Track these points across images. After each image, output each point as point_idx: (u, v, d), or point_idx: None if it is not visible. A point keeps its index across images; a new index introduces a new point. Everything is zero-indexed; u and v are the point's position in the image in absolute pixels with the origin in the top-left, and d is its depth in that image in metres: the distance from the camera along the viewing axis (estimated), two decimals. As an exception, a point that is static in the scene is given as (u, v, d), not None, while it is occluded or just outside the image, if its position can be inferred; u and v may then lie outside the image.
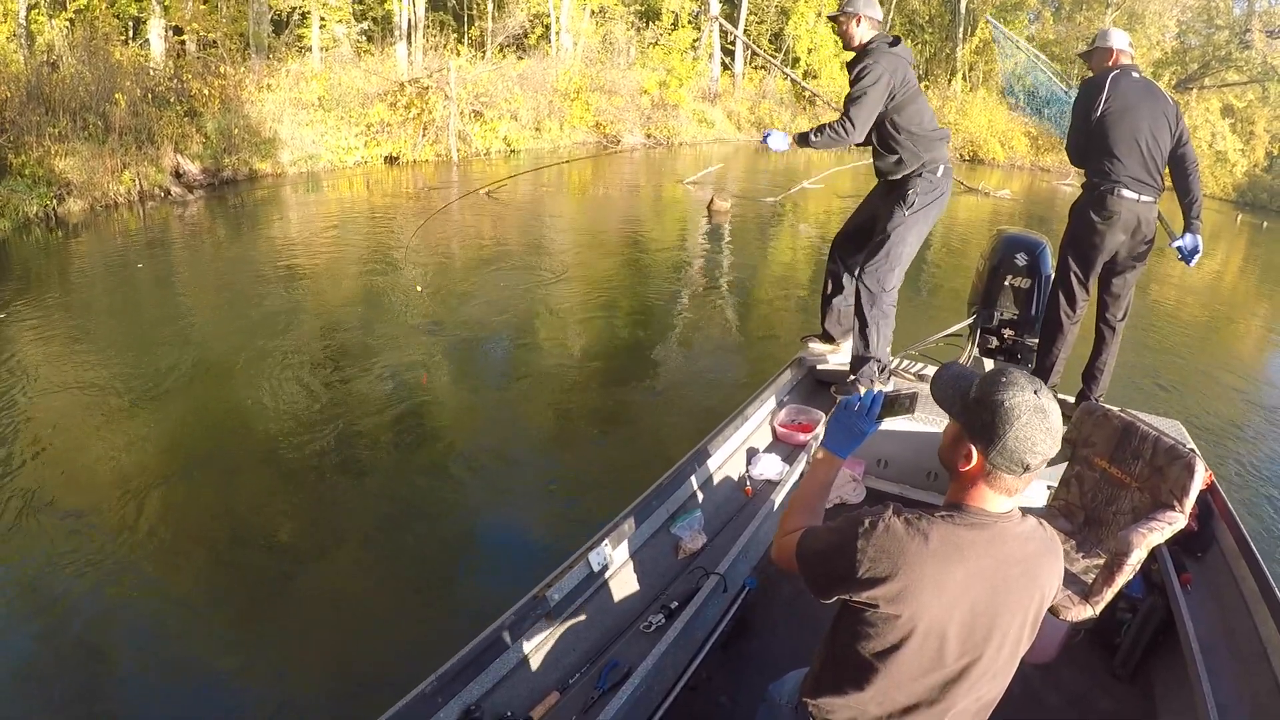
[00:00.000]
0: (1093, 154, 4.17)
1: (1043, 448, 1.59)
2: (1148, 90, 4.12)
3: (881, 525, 1.61)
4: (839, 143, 4.09)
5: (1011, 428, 1.57)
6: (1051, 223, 18.12)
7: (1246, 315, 12.85)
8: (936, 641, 1.61)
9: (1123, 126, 4.05)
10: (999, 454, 1.59)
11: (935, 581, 1.57)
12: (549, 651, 2.67)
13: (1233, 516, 3.42)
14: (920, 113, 4.17)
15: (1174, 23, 34.14)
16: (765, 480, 3.82)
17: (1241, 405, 8.01)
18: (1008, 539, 1.64)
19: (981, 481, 1.64)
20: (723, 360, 8.03)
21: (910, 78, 4.14)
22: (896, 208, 4.21)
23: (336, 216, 13.70)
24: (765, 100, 33.13)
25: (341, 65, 19.77)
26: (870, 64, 4.02)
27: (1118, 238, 4.12)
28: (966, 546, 1.59)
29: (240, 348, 7.17)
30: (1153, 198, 4.08)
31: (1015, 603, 1.64)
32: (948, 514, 1.64)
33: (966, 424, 1.66)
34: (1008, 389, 1.60)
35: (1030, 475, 1.62)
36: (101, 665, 3.67)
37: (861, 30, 4.17)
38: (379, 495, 5.12)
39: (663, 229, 15.11)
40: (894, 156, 4.21)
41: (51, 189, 11.69)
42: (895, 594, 1.58)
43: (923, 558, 1.57)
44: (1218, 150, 32.33)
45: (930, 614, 1.58)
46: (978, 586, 1.60)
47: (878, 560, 1.59)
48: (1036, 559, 1.67)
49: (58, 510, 4.70)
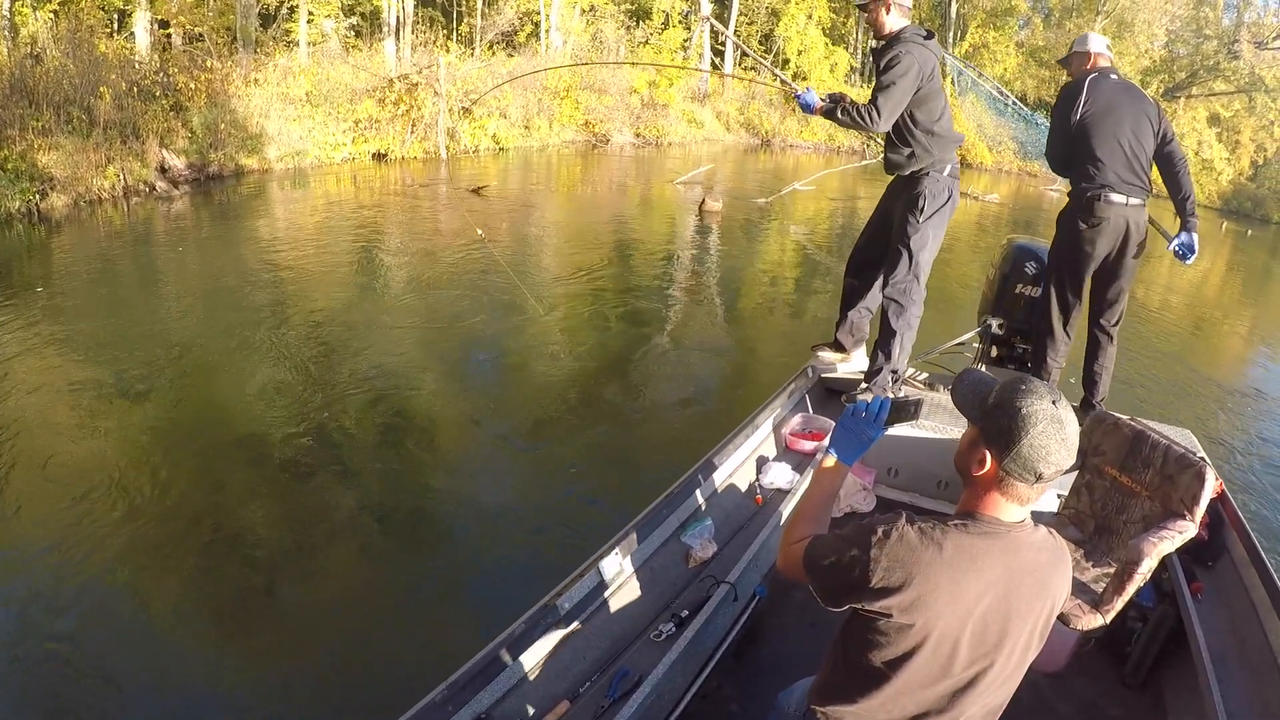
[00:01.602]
0: (1075, 159, 4.13)
1: (1056, 457, 1.58)
2: (1127, 91, 4.09)
3: (895, 534, 1.61)
4: (861, 127, 4.00)
5: (1027, 434, 1.56)
6: (1038, 226, 18.28)
7: (1244, 323, 12.95)
8: (948, 650, 1.60)
9: (1104, 128, 4.01)
10: (1013, 460, 1.58)
11: (949, 591, 1.57)
12: (559, 660, 2.65)
13: (1243, 525, 3.43)
14: (940, 111, 4.11)
15: (1163, 32, 34.49)
16: (775, 489, 3.81)
17: (1250, 414, 8.08)
18: (1021, 548, 1.63)
19: (995, 489, 1.63)
20: (728, 364, 8.05)
21: (936, 74, 4.08)
22: (910, 216, 4.17)
23: (324, 213, 13.64)
24: (755, 101, 33.15)
25: (329, 60, 19.66)
26: (901, 53, 3.92)
27: (1108, 244, 4.08)
28: (980, 556, 1.59)
29: (227, 346, 7.11)
30: (1141, 199, 4.05)
31: (1026, 611, 1.64)
32: (961, 523, 1.64)
33: (983, 429, 1.66)
34: (1026, 396, 1.59)
35: (1043, 486, 1.62)
36: (92, 674, 3.60)
37: (891, 18, 4.07)
38: (383, 502, 5.07)
39: (656, 230, 15.11)
40: (907, 150, 4.15)
41: (34, 184, 11.52)
42: (909, 603, 1.57)
43: (937, 567, 1.57)
44: (1204, 159, 32.72)
45: (943, 623, 1.58)
46: (990, 596, 1.59)
47: (891, 570, 1.58)
48: (1049, 569, 1.67)
49: (38, 510, 4.64)
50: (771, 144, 32.59)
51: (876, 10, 4.08)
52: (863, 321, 4.77)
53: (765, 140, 32.81)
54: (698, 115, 31.19)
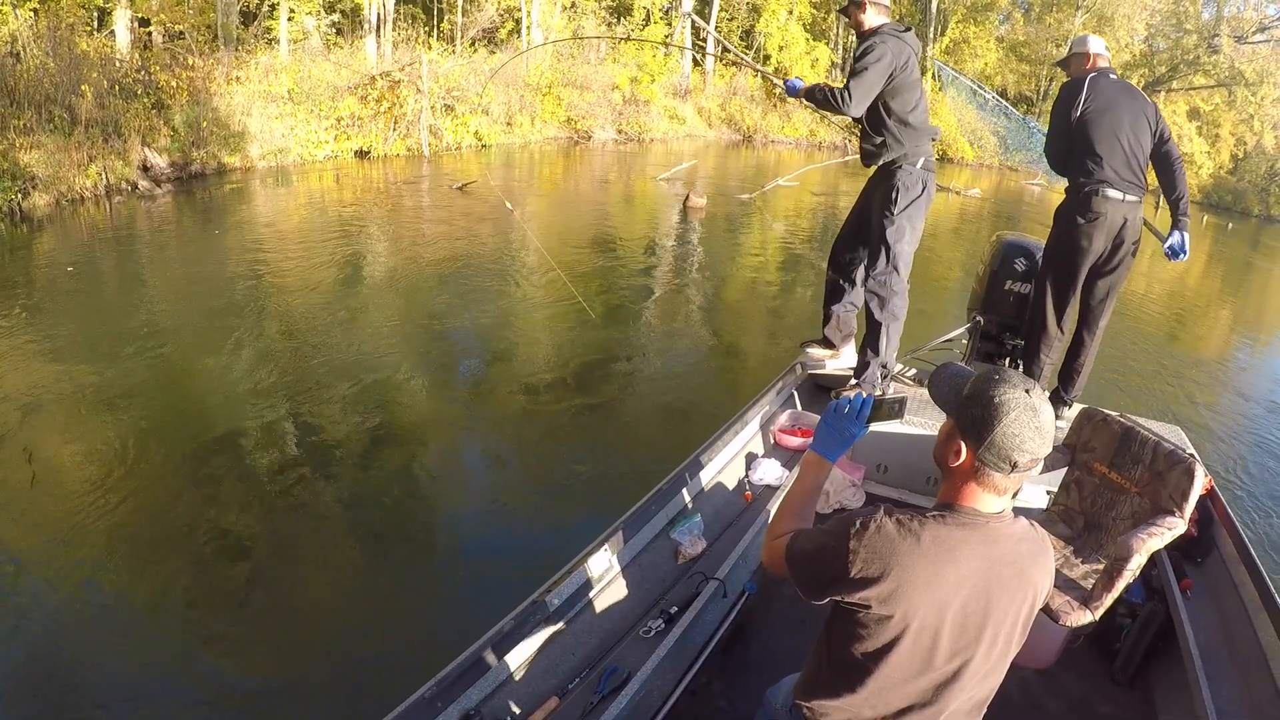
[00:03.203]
0: (1075, 156, 4.16)
1: (1030, 446, 1.58)
2: (1126, 90, 4.14)
3: (873, 525, 1.62)
4: (833, 108, 4.06)
5: (1000, 423, 1.58)
6: (1019, 220, 18.38)
7: (1228, 317, 13.04)
8: (929, 641, 1.61)
9: (1103, 125, 4.05)
10: (987, 450, 1.60)
11: (927, 581, 1.58)
12: (548, 656, 2.64)
13: (1232, 522, 3.44)
14: (914, 103, 4.16)
15: (1143, 26, 34.67)
16: (765, 485, 3.80)
17: (1239, 410, 8.13)
18: (1000, 539, 1.64)
19: (972, 480, 1.65)
20: (716, 360, 8.06)
21: (913, 65, 4.14)
22: (885, 209, 4.22)
23: (306, 211, 13.59)
24: (736, 97, 33.19)
25: (311, 58, 19.54)
26: (875, 43, 4.03)
27: (1103, 240, 4.11)
28: (958, 546, 1.60)
29: (211, 344, 7.06)
30: (1138, 197, 4.07)
31: (1007, 603, 1.65)
32: (939, 514, 1.65)
33: (959, 420, 1.67)
34: (999, 386, 1.61)
35: (1019, 476, 1.63)
36: (71, 669, 3.58)
37: (869, 16, 4.17)
38: (369, 499, 5.05)
39: (640, 226, 15.11)
40: (879, 139, 4.21)
41: (16, 183, 11.41)
42: (887, 594, 1.58)
43: (914, 558, 1.58)
44: (1184, 153, 32.78)
45: (922, 614, 1.59)
46: (969, 586, 1.60)
47: (870, 561, 1.59)
48: (1029, 560, 1.67)
49: (20, 508, 4.61)
50: (753, 140, 32.68)
51: (855, 13, 4.22)
52: (849, 317, 4.80)
53: (747, 136, 32.88)
54: (679, 111, 31.23)
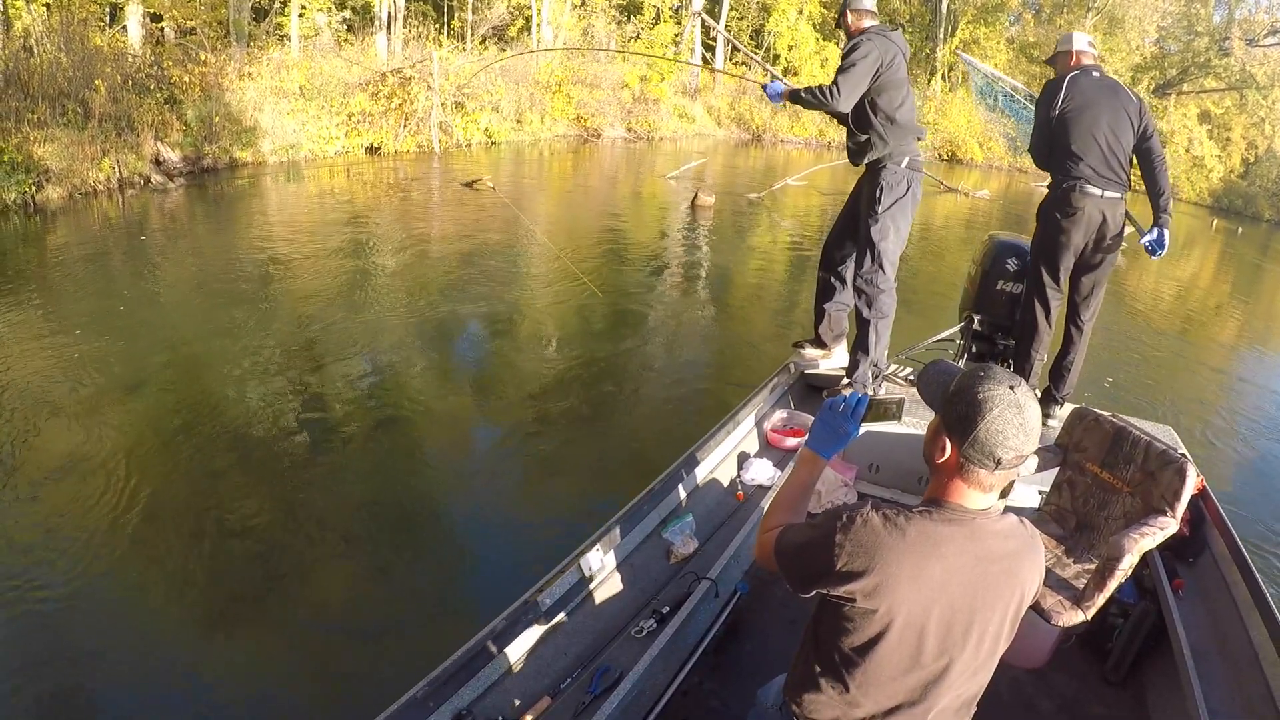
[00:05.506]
0: (1054, 154, 4.26)
1: (1014, 442, 1.59)
2: (1107, 88, 4.20)
3: (859, 520, 1.63)
4: (822, 105, 4.12)
5: (984, 419, 1.58)
6: (1028, 222, 18.23)
7: (1231, 320, 12.97)
8: (915, 637, 1.62)
9: (1080, 124, 4.14)
10: (971, 446, 1.60)
11: (912, 576, 1.58)
12: (540, 656, 2.65)
13: (1224, 522, 3.44)
14: (900, 101, 4.23)
15: (1154, 28, 34.47)
16: (757, 485, 3.82)
17: (1233, 411, 8.09)
18: (986, 535, 1.64)
19: (957, 476, 1.65)
20: (713, 359, 8.06)
21: (899, 64, 4.20)
22: (870, 208, 4.28)
23: (317, 205, 13.62)
24: (745, 96, 33.13)
25: (322, 54, 19.61)
26: (861, 41, 4.13)
27: (1083, 235, 4.19)
28: (944, 542, 1.60)
29: (221, 338, 7.08)
30: (1118, 193, 4.15)
31: (995, 599, 1.65)
32: (925, 509, 1.66)
33: (944, 417, 1.68)
34: (984, 382, 1.61)
35: (1005, 472, 1.63)
36: (77, 669, 3.59)
37: (855, 21, 4.32)
38: (364, 498, 5.05)
39: (648, 224, 15.11)
40: (864, 137, 4.27)
41: (30, 175, 11.48)
42: (872, 588, 1.59)
43: (899, 552, 1.58)
44: (1195, 156, 32.72)
45: (907, 608, 1.59)
46: (956, 582, 1.60)
47: (855, 554, 1.60)
48: (1017, 556, 1.67)
49: (29, 503, 4.62)
50: (762, 139, 32.61)
51: (843, 21, 4.38)
52: (841, 316, 4.84)
53: (756, 135, 32.83)
54: (689, 110, 31.23)
